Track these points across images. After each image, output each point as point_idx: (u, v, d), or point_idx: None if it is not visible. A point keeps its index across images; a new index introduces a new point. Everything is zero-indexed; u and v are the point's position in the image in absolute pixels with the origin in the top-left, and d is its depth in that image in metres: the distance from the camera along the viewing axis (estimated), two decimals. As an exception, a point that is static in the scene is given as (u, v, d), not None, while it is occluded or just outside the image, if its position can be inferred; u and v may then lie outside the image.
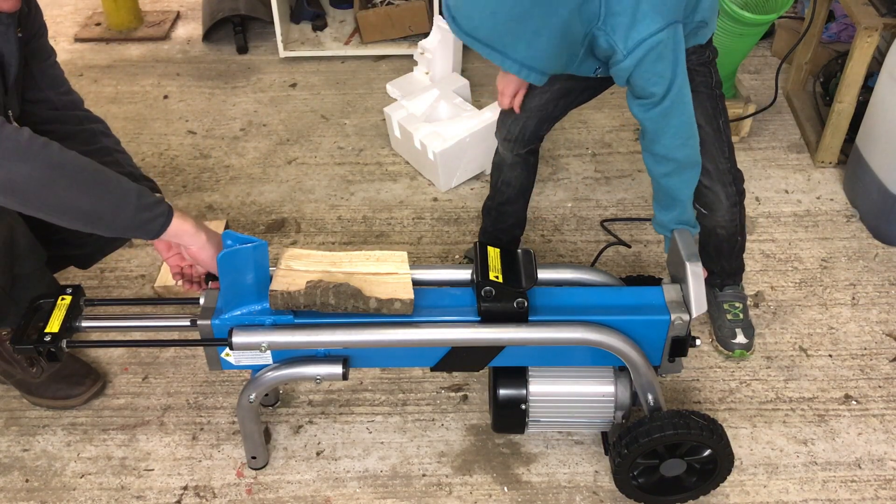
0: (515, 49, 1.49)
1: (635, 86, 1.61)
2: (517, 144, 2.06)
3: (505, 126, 2.05)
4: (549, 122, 2.02)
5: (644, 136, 1.72)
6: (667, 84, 1.58)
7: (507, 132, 2.05)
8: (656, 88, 1.59)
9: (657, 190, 1.80)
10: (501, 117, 2.07)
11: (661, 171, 1.74)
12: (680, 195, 1.78)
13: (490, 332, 1.64)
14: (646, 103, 1.63)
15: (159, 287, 2.29)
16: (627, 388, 1.75)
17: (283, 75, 3.28)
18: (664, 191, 1.78)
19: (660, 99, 1.60)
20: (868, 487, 1.86)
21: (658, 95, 1.60)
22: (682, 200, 1.79)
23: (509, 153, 2.09)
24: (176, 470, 1.92)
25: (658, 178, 1.76)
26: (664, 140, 1.68)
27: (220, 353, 1.70)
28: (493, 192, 2.24)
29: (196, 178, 2.76)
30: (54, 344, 1.60)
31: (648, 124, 1.66)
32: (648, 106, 1.63)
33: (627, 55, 1.54)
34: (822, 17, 2.78)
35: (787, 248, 2.44)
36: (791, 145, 2.83)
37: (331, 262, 1.70)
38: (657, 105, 1.62)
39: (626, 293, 1.74)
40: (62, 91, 1.91)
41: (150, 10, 3.69)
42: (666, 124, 1.65)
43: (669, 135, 1.67)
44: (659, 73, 1.57)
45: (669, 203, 1.79)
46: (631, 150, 2.83)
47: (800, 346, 2.17)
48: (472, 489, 1.87)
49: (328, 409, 2.04)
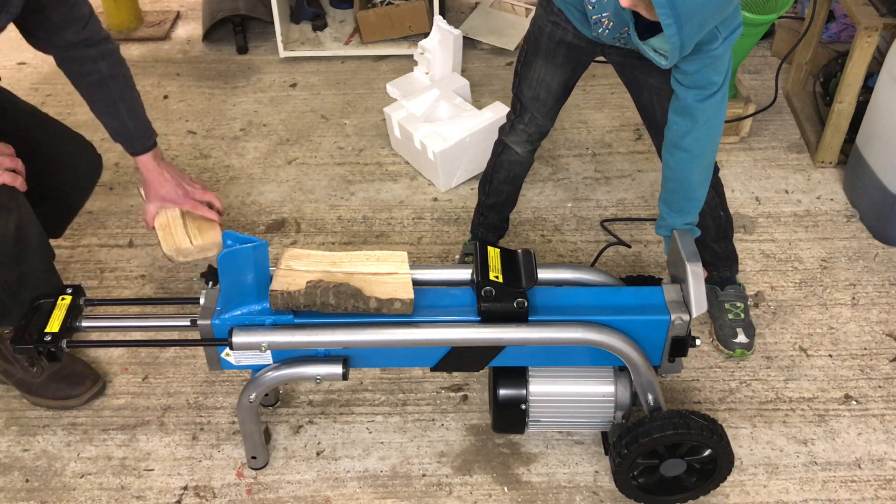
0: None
1: (701, 74, 1.61)
2: (536, 141, 2.10)
3: (525, 132, 2.07)
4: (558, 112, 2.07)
5: (675, 129, 1.72)
6: (724, 73, 1.62)
7: (529, 136, 2.07)
8: (718, 77, 1.62)
9: (671, 190, 1.80)
10: (518, 125, 2.07)
11: (684, 166, 1.75)
12: (695, 194, 1.78)
13: (490, 332, 1.64)
14: (703, 93, 1.64)
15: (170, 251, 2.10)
16: (627, 388, 1.75)
17: (283, 75, 3.28)
18: (680, 189, 1.78)
19: (717, 88, 1.63)
20: (868, 487, 1.86)
21: (717, 84, 1.63)
22: (696, 200, 1.79)
23: (527, 149, 2.12)
24: (176, 470, 1.92)
25: (678, 174, 1.77)
26: (700, 133, 1.68)
27: (220, 353, 1.70)
28: (495, 189, 2.22)
29: (196, 178, 2.76)
30: (54, 344, 1.60)
31: (699, 115, 1.66)
32: (705, 96, 1.64)
33: (723, 42, 1.55)
34: (822, 17, 2.78)
35: (787, 248, 2.44)
36: (791, 145, 2.83)
37: (331, 262, 1.70)
38: (713, 95, 1.64)
39: (626, 293, 1.74)
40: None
41: (150, 10, 3.69)
42: (711, 116, 1.67)
43: (707, 127, 1.68)
44: (726, 62, 1.60)
45: (682, 203, 1.79)
46: (631, 150, 2.83)
47: (800, 346, 2.17)
48: (472, 489, 1.87)
49: (328, 409, 2.04)
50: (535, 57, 1.96)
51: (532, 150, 2.13)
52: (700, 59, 1.59)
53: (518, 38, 3.30)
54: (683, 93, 1.66)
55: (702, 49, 1.56)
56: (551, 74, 1.96)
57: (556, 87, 1.98)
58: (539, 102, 2.00)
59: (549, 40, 1.91)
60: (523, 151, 2.12)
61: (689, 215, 1.80)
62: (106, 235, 2.54)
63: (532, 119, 2.04)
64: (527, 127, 2.06)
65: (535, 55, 1.95)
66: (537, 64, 1.96)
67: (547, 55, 1.93)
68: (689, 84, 1.64)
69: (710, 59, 1.58)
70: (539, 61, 1.95)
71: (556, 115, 2.06)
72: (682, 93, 1.66)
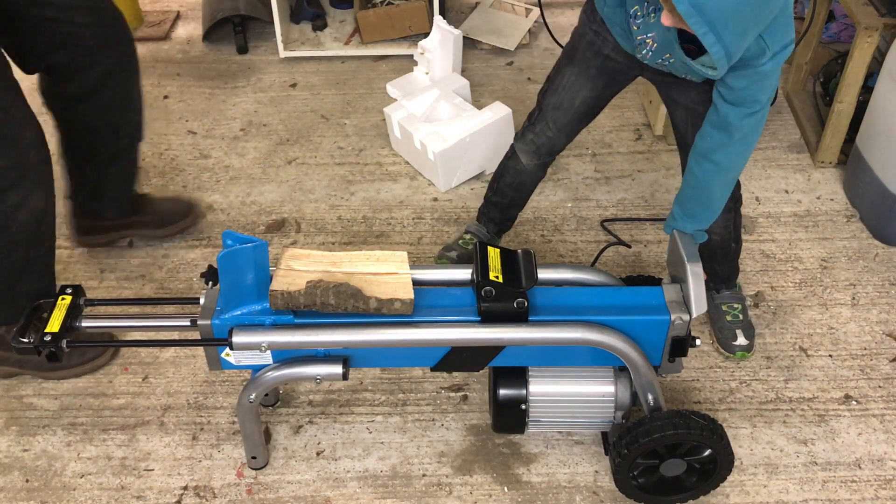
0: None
1: (747, 91, 1.56)
2: (546, 157, 2.07)
3: (534, 143, 2.04)
4: (575, 134, 2.03)
5: (708, 139, 1.66)
6: (770, 92, 1.58)
7: (537, 148, 2.04)
8: (764, 96, 1.57)
9: (691, 196, 1.77)
10: (528, 134, 2.04)
11: (709, 176, 1.71)
12: (714, 204, 1.77)
13: (490, 332, 1.64)
14: (745, 111, 1.59)
15: None
16: (627, 388, 1.75)
17: (283, 75, 3.28)
18: (700, 198, 1.75)
19: (761, 107, 1.58)
20: (868, 487, 1.86)
21: (761, 103, 1.58)
22: (714, 210, 1.78)
23: (534, 163, 2.08)
24: (176, 470, 1.92)
25: (701, 183, 1.73)
26: (734, 148, 1.64)
27: (220, 353, 1.70)
28: (500, 189, 2.21)
29: (196, 178, 2.76)
30: (54, 344, 1.60)
31: (737, 132, 1.62)
32: (747, 114, 1.59)
33: (773, 57, 1.51)
34: (822, 17, 2.78)
35: (787, 248, 2.44)
36: (791, 145, 2.83)
37: (331, 262, 1.70)
38: (756, 113, 1.59)
39: (626, 293, 1.74)
40: None
41: (150, 10, 3.68)
42: (747, 134, 1.62)
43: (742, 144, 1.64)
44: (773, 81, 1.56)
45: (699, 211, 1.77)
46: (631, 150, 2.83)
47: (800, 346, 2.17)
48: (472, 489, 1.87)
49: (328, 409, 2.04)
50: (568, 63, 1.91)
51: (539, 164, 2.09)
52: (748, 76, 1.54)
53: (518, 38, 3.31)
54: (725, 109, 1.60)
55: (749, 64, 1.52)
56: (580, 84, 1.90)
57: (581, 98, 1.92)
58: (559, 112, 1.95)
59: (587, 48, 1.86)
60: (528, 163, 2.09)
61: (701, 223, 1.79)
62: (106, 235, 2.54)
63: (545, 129, 1.99)
64: (536, 137, 2.02)
65: (570, 61, 1.91)
66: (569, 70, 1.91)
67: (581, 63, 1.88)
68: (732, 100, 1.59)
69: (759, 75, 1.53)
70: (571, 68, 1.90)
71: (573, 133, 2.01)
72: (724, 108, 1.61)
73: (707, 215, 1.79)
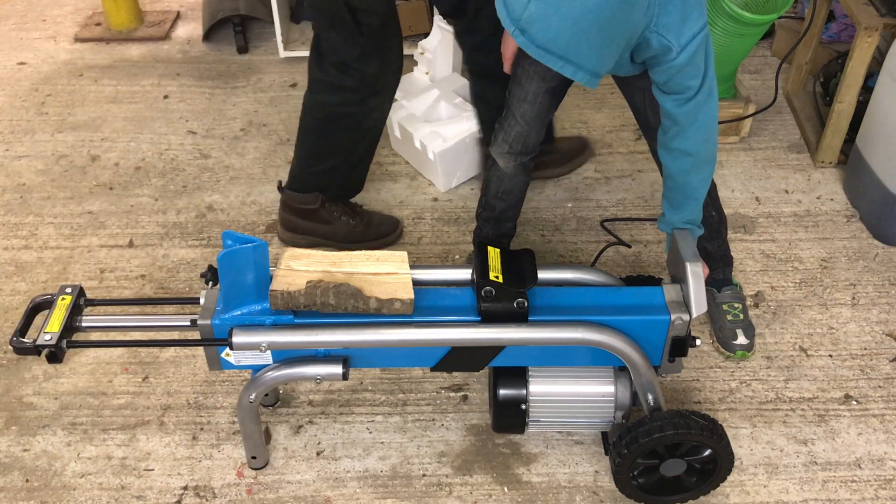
0: (589, 58, 1.46)
1: (674, 81, 1.61)
2: (521, 155, 2.04)
3: (506, 142, 2.00)
4: (545, 126, 2.02)
5: (666, 132, 1.71)
6: (702, 77, 1.60)
7: (510, 147, 2.00)
8: (693, 82, 1.60)
9: (671, 188, 1.79)
10: (500, 134, 2.01)
11: (679, 167, 1.73)
12: (695, 193, 1.77)
13: (490, 332, 1.64)
14: (680, 98, 1.63)
15: None
16: (627, 388, 1.75)
17: (284, 75, 3.28)
18: (679, 189, 1.77)
19: (695, 92, 1.61)
20: (868, 487, 1.86)
21: (694, 89, 1.61)
22: (697, 199, 1.78)
23: (511, 164, 2.05)
24: (176, 470, 1.92)
25: (675, 175, 1.75)
26: (689, 133, 1.67)
27: (220, 353, 1.70)
28: (488, 203, 2.18)
29: (196, 178, 2.76)
30: (54, 344, 1.60)
31: (681, 119, 1.66)
32: (683, 100, 1.63)
33: (681, 52, 1.54)
34: (822, 17, 2.78)
35: (787, 248, 2.44)
36: (791, 145, 2.83)
37: (331, 262, 1.70)
38: (692, 99, 1.62)
39: (626, 293, 1.74)
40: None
41: (150, 10, 3.69)
42: (695, 118, 1.65)
43: (695, 128, 1.67)
44: (698, 67, 1.59)
45: (682, 202, 1.78)
46: (631, 150, 2.83)
47: (800, 346, 2.17)
48: (472, 489, 1.87)
49: (328, 409, 2.04)
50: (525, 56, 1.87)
51: (517, 165, 2.05)
52: (664, 71, 1.59)
53: (518, 38, 3.30)
54: (661, 98, 1.66)
55: (660, 61, 1.57)
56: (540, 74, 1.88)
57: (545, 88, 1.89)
58: (525, 104, 1.93)
59: None
60: (505, 165, 2.05)
61: (688, 213, 1.79)
62: (106, 235, 2.54)
63: (513, 124, 1.96)
64: (506, 134, 1.99)
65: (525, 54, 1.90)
66: (526, 62, 1.89)
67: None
68: (665, 90, 1.64)
69: (674, 69, 1.57)
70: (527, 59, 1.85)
71: (542, 124, 1.98)
72: (660, 98, 1.66)
73: (692, 205, 1.79)
